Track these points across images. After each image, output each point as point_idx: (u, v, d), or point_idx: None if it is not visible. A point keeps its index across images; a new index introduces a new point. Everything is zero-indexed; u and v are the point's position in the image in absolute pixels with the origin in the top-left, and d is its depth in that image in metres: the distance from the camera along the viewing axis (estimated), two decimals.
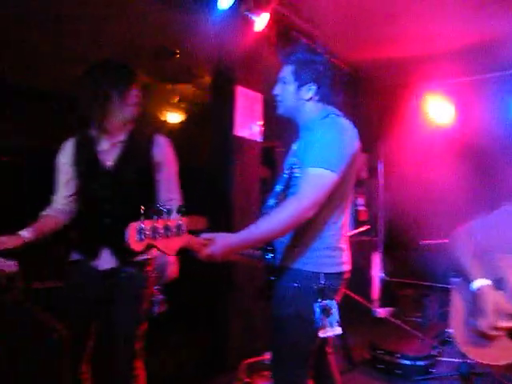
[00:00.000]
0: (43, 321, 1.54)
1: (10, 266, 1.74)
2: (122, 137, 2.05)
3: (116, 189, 2.02)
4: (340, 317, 1.72)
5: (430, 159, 4.97)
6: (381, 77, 5.02)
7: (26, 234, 2.05)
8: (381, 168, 5.51)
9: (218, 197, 3.35)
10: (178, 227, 1.42)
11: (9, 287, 1.59)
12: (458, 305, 1.77)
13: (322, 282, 1.71)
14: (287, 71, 1.85)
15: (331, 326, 1.70)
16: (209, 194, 3.44)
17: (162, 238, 1.38)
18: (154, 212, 1.38)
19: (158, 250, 1.40)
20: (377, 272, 5.21)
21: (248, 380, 3.07)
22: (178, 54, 4.49)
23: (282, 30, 3.75)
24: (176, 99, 5.21)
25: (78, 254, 2.05)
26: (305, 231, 1.73)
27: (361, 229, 4.58)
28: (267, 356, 3.40)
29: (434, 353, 3.40)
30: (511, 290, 1.71)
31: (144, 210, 1.34)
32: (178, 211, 1.45)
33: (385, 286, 5.24)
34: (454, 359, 3.38)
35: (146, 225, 1.34)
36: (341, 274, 1.78)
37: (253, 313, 3.36)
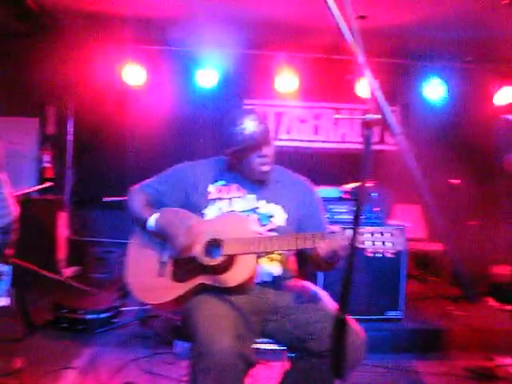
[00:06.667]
0: None
1: None
2: None
3: None
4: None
5: (123, 118, 5.12)
6: (78, 29, 4.66)
7: None
8: (71, 124, 5.29)
9: None
10: None
11: None
12: (135, 254, 1.90)
13: None
14: None
15: None
16: None
17: None
18: None
19: None
20: (63, 231, 5.04)
21: None
22: None
23: None
24: None
25: None
26: None
27: (43, 185, 4.38)
28: None
29: (116, 304, 3.59)
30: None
31: None
32: None
33: (72, 245, 5.13)
34: (134, 307, 3.65)
35: None
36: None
37: None
